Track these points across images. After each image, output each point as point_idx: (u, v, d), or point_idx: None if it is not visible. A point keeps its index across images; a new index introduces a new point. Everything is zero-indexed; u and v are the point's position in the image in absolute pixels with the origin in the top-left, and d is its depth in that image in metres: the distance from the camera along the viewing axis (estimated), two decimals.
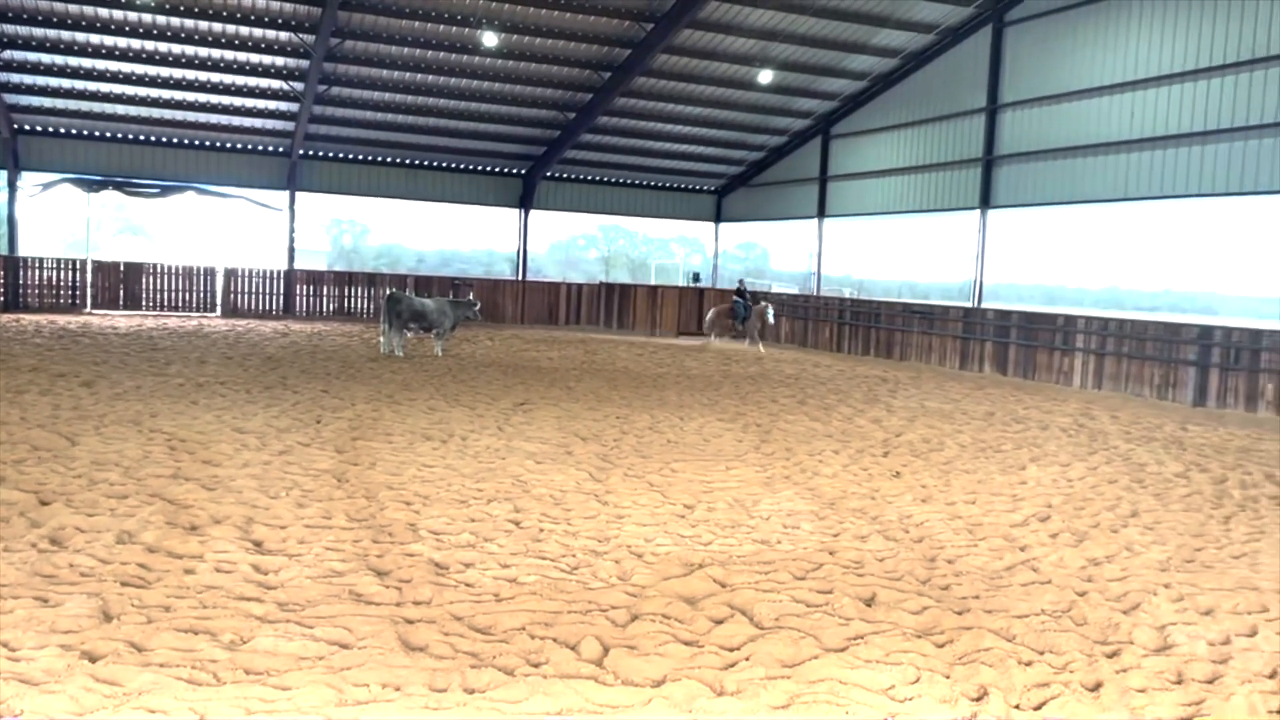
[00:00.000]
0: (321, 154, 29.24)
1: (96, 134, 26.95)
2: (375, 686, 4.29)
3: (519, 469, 9.06)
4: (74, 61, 23.81)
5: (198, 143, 28.00)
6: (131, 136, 27.32)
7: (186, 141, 27.89)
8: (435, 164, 30.60)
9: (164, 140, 27.66)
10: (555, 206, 32.66)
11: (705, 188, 34.11)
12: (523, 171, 31.53)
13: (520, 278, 32.31)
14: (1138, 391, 18.53)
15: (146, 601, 5.18)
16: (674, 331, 29.91)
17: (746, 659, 4.81)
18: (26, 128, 26.34)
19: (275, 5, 22.12)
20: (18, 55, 23.31)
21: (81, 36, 22.83)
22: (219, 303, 28.16)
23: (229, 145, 28.31)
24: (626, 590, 5.78)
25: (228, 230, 32.26)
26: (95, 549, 6.02)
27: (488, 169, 31.30)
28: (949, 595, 5.99)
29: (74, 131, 26.78)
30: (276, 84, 25.39)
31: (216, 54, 23.92)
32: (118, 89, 25.22)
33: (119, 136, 27.19)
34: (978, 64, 23.50)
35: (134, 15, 22.14)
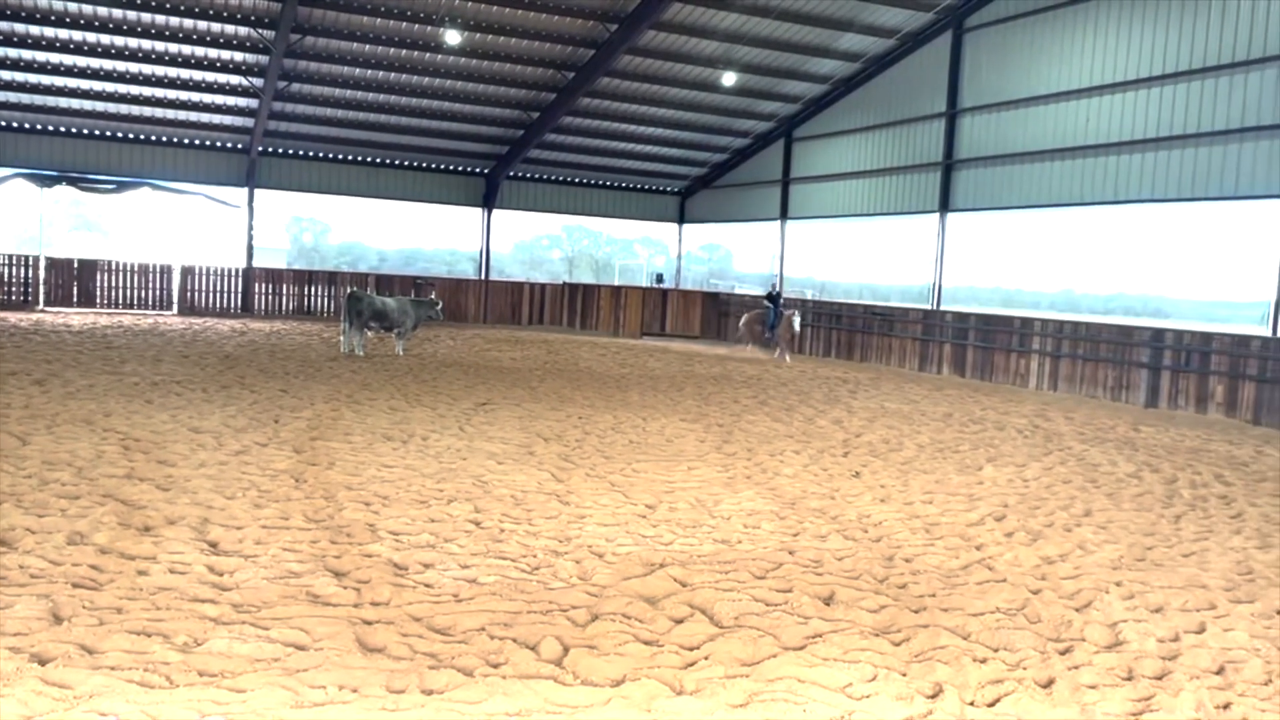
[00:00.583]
0: (282, 151, 28.91)
1: (50, 128, 26.43)
2: (332, 688, 4.26)
3: (480, 469, 9.03)
4: (27, 55, 23.33)
5: (154, 138, 27.56)
6: (86, 131, 26.82)
7: (143, 137, 27.43)
8: (398, 162, 30.37)
9: (120, 135, 27.19)
10: (519, 206, 32.54)
11: (669, 189, 34.16)
12: (486, 170, 31.40)
13: (483, 277, 32.17)
14: (1092, 393, 18.84)
15: (98, 603, 5.10)
16: (637, 332, 29.94)
17: (706, 658, 4.83)
18: None
19: (235, 0, 21.85)
20: None
21: (35, 29, 22.37)
22: (175, 301, 27.75)
23: (186, 141, 27.90)
24: (587, 590, 5.79)
25: (185, 227, 31.79)
26: (46, 550, 5.91)
27: (451, 168, 31.12)
28: (906, 594, 6.05)
29: (27, 126, 26.24)
30: (235, 80, 25.06)
31: (174, 48, 23.55)
32: (72, 83, 24.75)
33: (73, 131, 26.69)
34: (938, 69, 23.75)
35: (89, 8, 21.74)
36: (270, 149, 28.64)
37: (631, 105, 27.92)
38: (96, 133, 26.97)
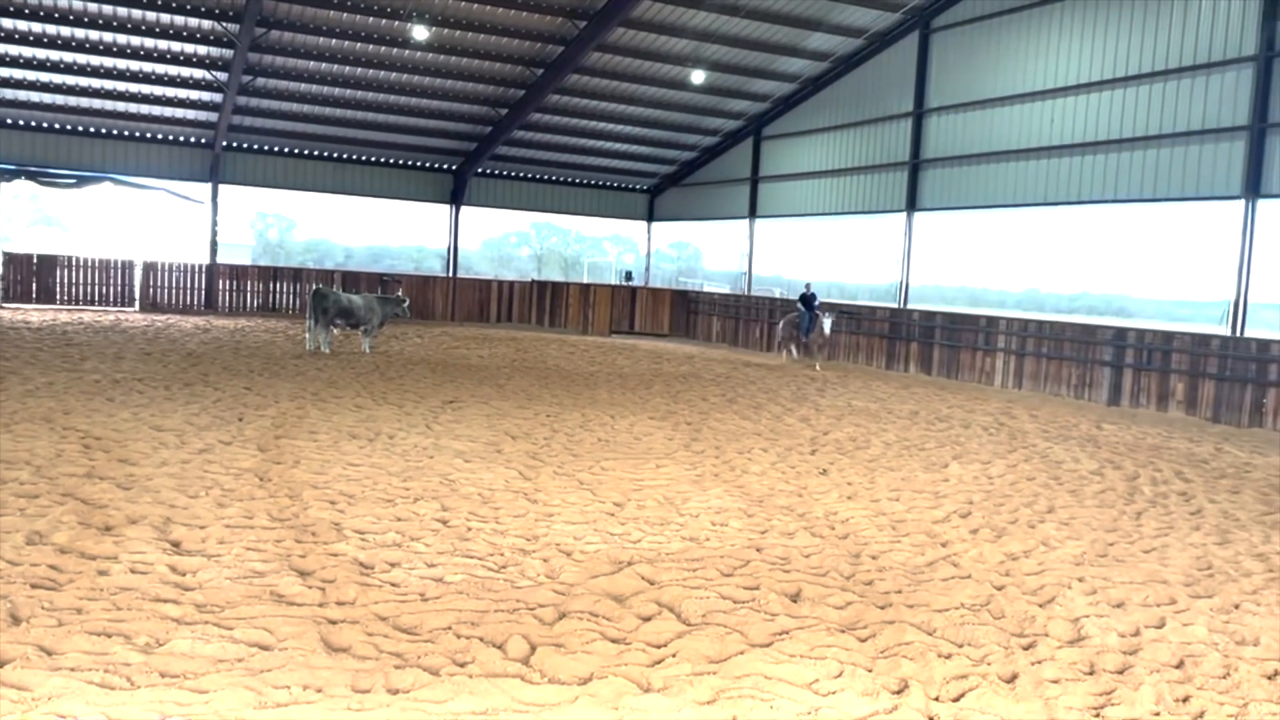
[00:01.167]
0: (246, 146, 28.58)
1: (9, 121, 25.94)
2: (296, 688, 4.22)
3: (447, 467, 8.98)
4: None
5: (116, 132, 27.13)
6: (46, 125, 26.37)
7: (104, 131, 27.00)
8: (365, 158, 30.13)
9: (81, 129, 26.74)
10: (487, 203, 32.39)
11: (638, 187, 34.15)
12: (454, 167, 31.22)
13: (451, 274, 31.99)
14: (1056, 391, 19.06)
15: (57, 604, 5.02)
16: (606, 330, 29.91)
17: (673, 655, 4.84)
18: None
19: None
20: None
21: None
22: (137, 297, 27.37)
23: (149, 135, 27.50)
24: (554, 588, 5.77)
25: (147, 223, 31.27)
26: (3, 550, 5.81)
27: (418, 164, 30.91)
28: (872, 590, 6.10)
29: None
30: (199, 74, 24.73)
31: (137, 41, 23.20)
32: (31, 75, 24.32)
33: (33, 125, 26.22)
34: (905, 69, 23.92)
35: (49, 0, 21.41)
36: (235, 144, 28.31)
37: (601, 103, 27.89)
38: (56, 126, 26.51)
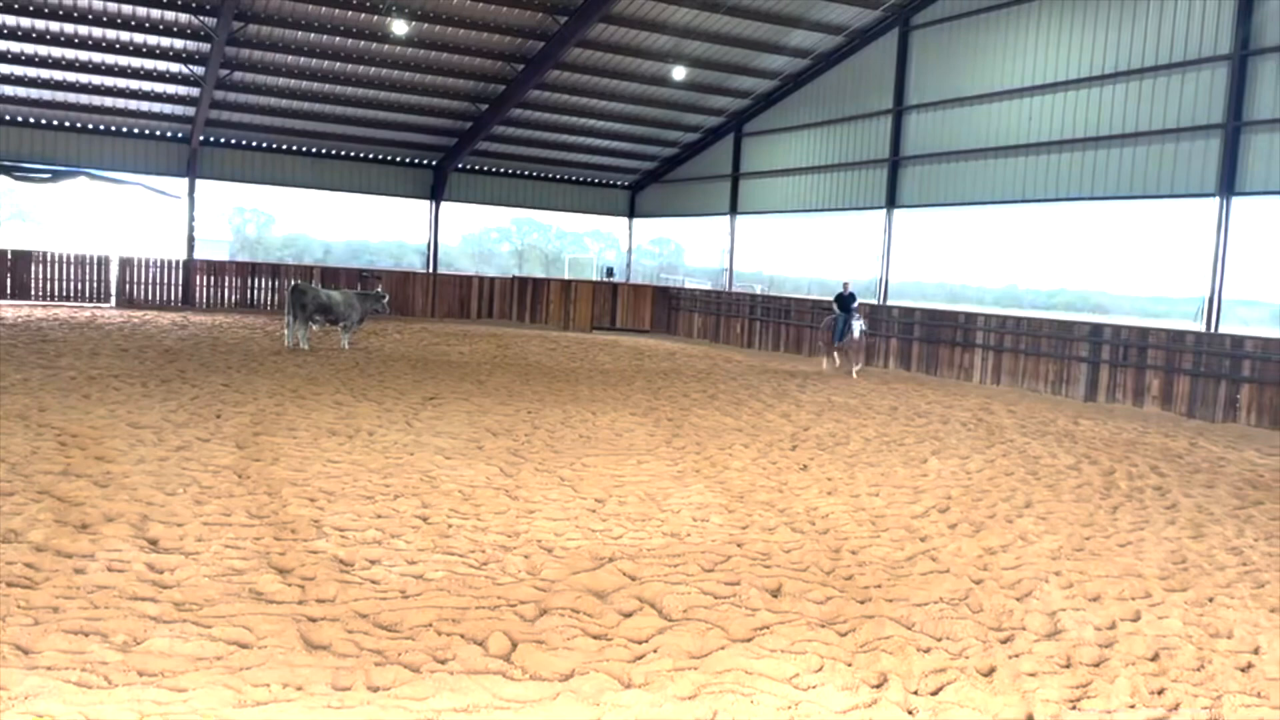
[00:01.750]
0: (224, 140, 28.36)
1: None
2: (276, 686, 4.20)
3: (428, 464, 8.96)
4: None
5: (91, 126, 26.85)
6: (20, 118, 26.06)
7: (79, 125, 26.72)
8: (344, 153, 29.95)
9: (56, 123, 26.46)
10: (467, 199, 32.28)
11: (619, 183, 34.12)
12: (434, 163, 31.09)
13: (431, 270, 31.87)
14: (1033, 387, 19.20)
15: (33, 602, 4.98)
16: (588, 326, 29.88)
17: (654, 651, 4.85)
18: None
19: None
20: None
21: None
22: (114, 293, 27.12)
23: (125, 130, 27.23)
24: (536, 585, 5.77)
25: (123, 218, 30.96)
26: None
27: (398, 159, 30.77)
28: (852, 585, 6.13)
29: None
30: (176, 67, 24.50)
31: (112, 34, 22.96)
32: (5, 69, 24.03)
33: (6, 118, 25.88)
34: (885, 66, 24.00)
35: None
36: (212, 138, 28.09)
37: (582, 98, 27.83)
38: (31, 120, 26.21)
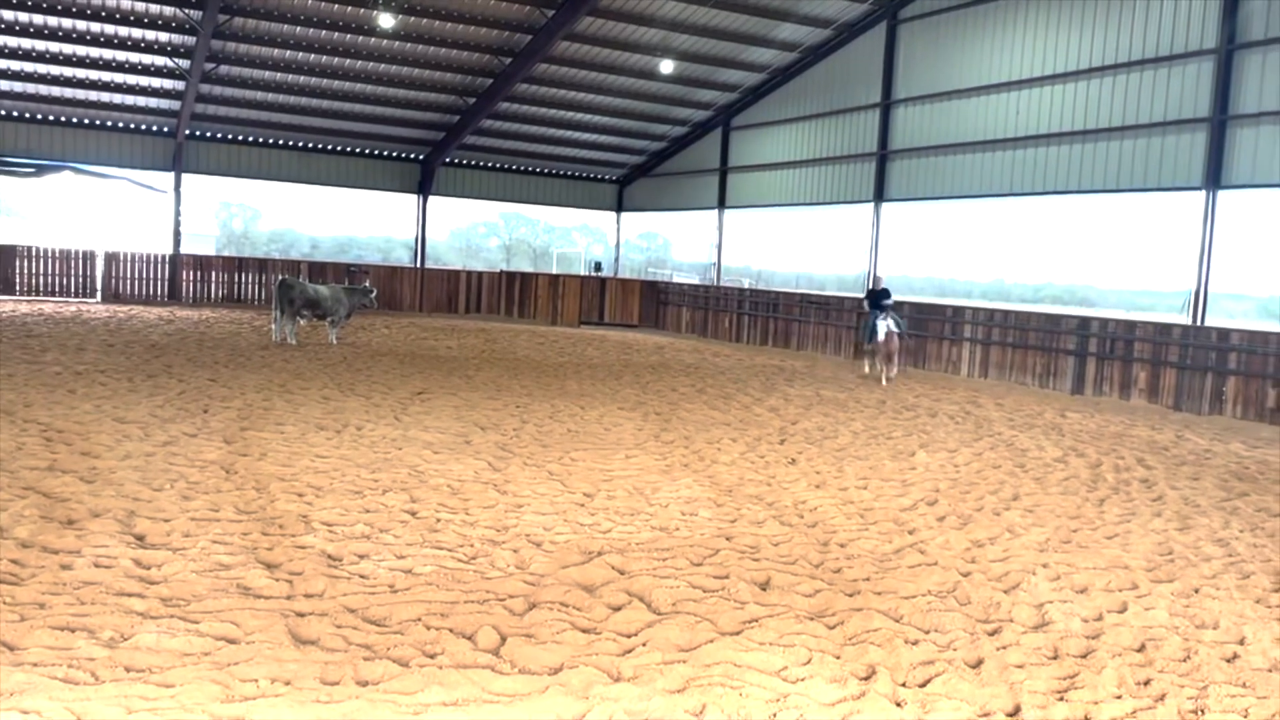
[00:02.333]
0: (210, 135, 28.20)
1: None
2: (264, 681, 4.19)
3: (416, 459, 8.94)
4: None
5: (76, 120, 26.67)
6: (4, 112, 25.85)
7: (64, 119, 26.53)
8: (330, 147, 29.83)
9: (40, 117, 26.25)
10: (455, 193, 32.19)
11: (607, 177, 34.08)
12: (421, 157, 30.99)
13: (419, 265, 31.78)
14: (1021, 380, 19.27)
15: (19, 599, 4.95)
16: (576, 321, 29.85)
17: (643, 644, 4.85)
18: None
19: None
20: None
21: None
22: (99, 288, 26.96)
23: (110, 124, 27.06)
24: (524, 579, 5.77)
25: (108, 212, 30.83)
26: None
27: (385, 153, 30.66)
28: (840, 578, 6.14)
29: None
30: (161, 61, 24.34)
31: (97, 27, 22.79)
32: None
33: None
34: (872, 60, 24.02)
35: None
36: (198, 132, 27.93)
37: (570, 92, 27.77)
38: (15, 114, 26.01)
